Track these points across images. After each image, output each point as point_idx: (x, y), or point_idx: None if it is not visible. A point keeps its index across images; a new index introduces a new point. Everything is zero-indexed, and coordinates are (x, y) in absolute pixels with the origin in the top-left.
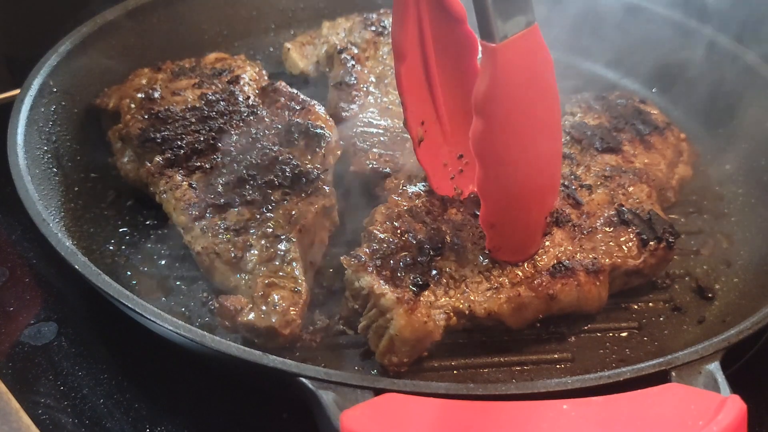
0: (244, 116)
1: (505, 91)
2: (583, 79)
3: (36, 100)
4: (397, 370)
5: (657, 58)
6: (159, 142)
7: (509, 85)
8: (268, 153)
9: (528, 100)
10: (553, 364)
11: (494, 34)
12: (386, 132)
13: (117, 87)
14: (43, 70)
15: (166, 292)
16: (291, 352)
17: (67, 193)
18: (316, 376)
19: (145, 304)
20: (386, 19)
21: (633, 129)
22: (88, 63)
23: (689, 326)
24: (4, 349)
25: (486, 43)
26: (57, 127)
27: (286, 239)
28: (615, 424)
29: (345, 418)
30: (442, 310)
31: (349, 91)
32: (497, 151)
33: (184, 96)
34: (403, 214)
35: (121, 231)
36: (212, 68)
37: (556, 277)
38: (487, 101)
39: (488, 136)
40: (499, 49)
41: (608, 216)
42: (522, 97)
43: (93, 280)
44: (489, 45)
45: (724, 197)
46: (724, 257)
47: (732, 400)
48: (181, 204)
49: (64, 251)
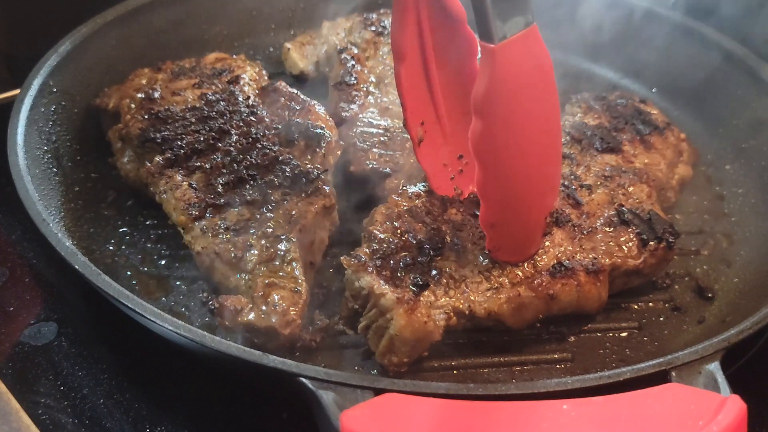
0: (244, 116)
1: (504, 91)
2: (583, 79)
3: (36, 100)
4: (397, 370)
5: (657, 58)
6: (159, 142)
7: (508, 85)
8: (268, 153)
9: (527, 100)
10: (553, 364)
11: (493, 35)
12: (386, 132)
13: (117, 87)
14: (43, 70)
15: (166, 292)
16: (291, 352)
17: (67, 193)
18: (316, 376)
19: (145, 304)
20: (386, 19)
21: (633, 129)
22: (88, 63)
23: (689, 326)
24: (4, 349)
25: (485, 43)
26: (57, 127)
27: (286, 239)
28: (615, 424)
29: (345, 418)
30: (442, 310)
31: (349, 91)
32: (496, 151)
33: (184, 96)
34: (403, 214)
35: (121, 231)
36: (212, 68)
37: (556, 277)
38: (486, 102)
39: (487, 136)
40: (498, 50)
41: (608, 216)
42: (521, 98)
43: (93, 280)
44: (488, 46)
45: (724, 197)
46: (724, 257)
47: (732, 400)
48: (181, 204)
49: (64, 251)
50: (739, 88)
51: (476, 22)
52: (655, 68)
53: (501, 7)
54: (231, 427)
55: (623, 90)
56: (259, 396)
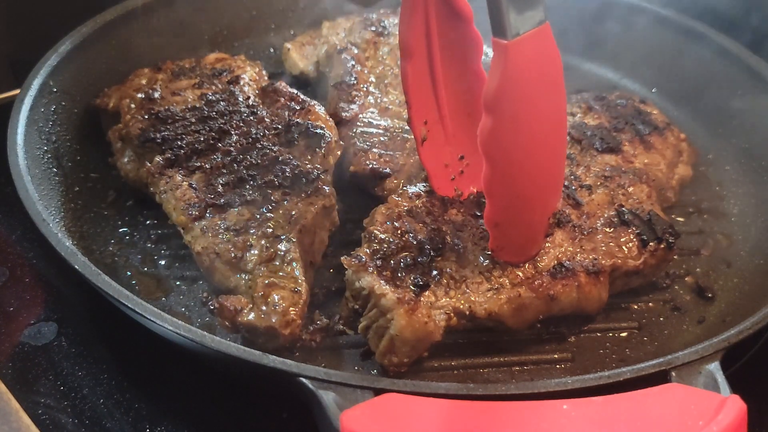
0: (244, 116)
1: (516, 88)
2: (584, 79)
3: (36, 100)
4: (397, 370)
5: (657, 58)
6: (159, 142)
7: (519, 82)
8: (268, 153)
9: (537, 98)
10: (553, 364)
11: (506, 30)
12: (386, 132)
13: (117, 87)
14: (43, 70)
15: (166, 292)
16: (291, 353)
17: (67, 193)
18: (316, 376)
19: (144, 304)
20: (386, 19)
21: (633, 129)
22: (88, 63)
23: (689, 326)
24: (4, 349)
25: (498, 39)
26: (57, 127)
27: (286, 239)
28: (615, 424)
29: (345, 418)
30: (443, 311)
31: (349, 91)
32: (505, 148)
33: (184, 96)
34: (404, 215)
35: (121, 231)
36: (212, 68)
37: (557, 278)
38: (497, 98)
39: (497, 133)
40: (510, 46)
41: (608, 216)
42: (532, 96)
43: (93, 280)
44: (501, 42)
45: (724, 197)
46: (724, 257)
47: (732, 401)
48: (181, 204)
49: (64, 251)
50: (739, 88)
51: (490, 16)
52: (655, 68)
53: (515, 3)
54: (231, 427)
55: (623, 90)
56: (259, 396)
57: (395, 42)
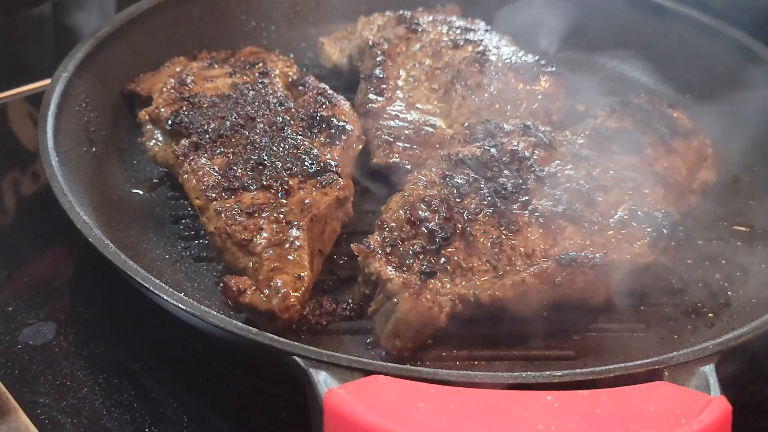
0: (271, 106)
1: None
2: (618, 81)
3: (70, 83)
4: (399, 354)
5: (694, 65)
6: (187, 125)
7: None
8: (290, 141)
9: None
10: (556, 360)
11: None
12: (411, 125)
13: (152, 73)
14: (79, 54)
15: (179, 273)
16: (297, 336)
17: (97, 175)
18: (308, 355)
19: (151, 278)
20: (420, 17)
21: (656, 133)
22: (124, 50)
23: (699, 331)
24: (4, 349)
25: None
26: (91, 112)
27: (296, 226)
28: (597, 417)
29: (328, 396)
30: (448, 297)
31: (378, 84)
32: None
33: (216, 84)
34: (418, 203)
35: (145, 214)
36: (245, 60)
37: (563, 264)
38: None
39: None
40: None
41: (621, 215)
42: None
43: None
44: None
45: (749, 206)
46: (741, 265)
47: (717, 401)
48: (201, 185)
49: (83, 228)
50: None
51: None
52: (690, 73)
53: None
54: (231, 427)
55: (655, 94)
56: (260, 396)
57: (427, 39)
